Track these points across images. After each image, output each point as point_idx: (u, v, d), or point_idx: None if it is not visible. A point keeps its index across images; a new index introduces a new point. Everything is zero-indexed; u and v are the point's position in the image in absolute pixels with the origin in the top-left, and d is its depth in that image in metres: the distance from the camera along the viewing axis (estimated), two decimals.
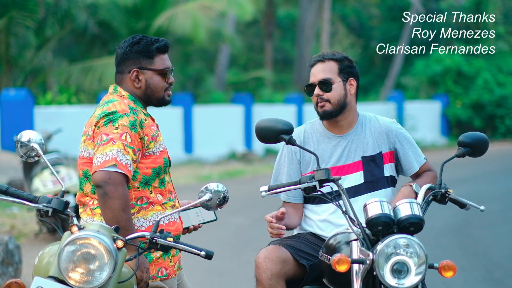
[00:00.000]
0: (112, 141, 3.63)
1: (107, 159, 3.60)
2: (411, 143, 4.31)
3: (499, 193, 13.89)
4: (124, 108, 3.73)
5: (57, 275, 3.30)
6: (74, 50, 23.41)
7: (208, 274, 7.94)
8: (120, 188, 3.59)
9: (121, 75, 3.86)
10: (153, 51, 3.82)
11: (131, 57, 3.82)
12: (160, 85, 3.85)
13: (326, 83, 4.22)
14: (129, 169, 3.63)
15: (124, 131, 3.66)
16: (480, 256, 8.91)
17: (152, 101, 3.88)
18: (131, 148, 3.66)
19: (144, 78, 3.83)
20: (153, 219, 3.74)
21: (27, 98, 16.29)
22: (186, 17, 21.00)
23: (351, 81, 4.27)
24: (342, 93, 4.24)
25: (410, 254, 3.53)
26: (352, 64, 4.29)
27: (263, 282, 4.01)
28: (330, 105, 4.22)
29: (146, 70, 3.82)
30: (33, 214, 10.35)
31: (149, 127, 3.78)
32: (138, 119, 3.73)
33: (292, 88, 29.90)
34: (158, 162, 3.78)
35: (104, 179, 3.58)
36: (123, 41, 3.87)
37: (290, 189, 3.79)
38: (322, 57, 4.27)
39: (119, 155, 3.61)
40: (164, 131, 4.21)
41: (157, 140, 3.80)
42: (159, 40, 3.85)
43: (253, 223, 10.93)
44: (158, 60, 3.83)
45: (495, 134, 27.04)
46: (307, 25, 29.43)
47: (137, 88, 3.84)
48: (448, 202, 3.95)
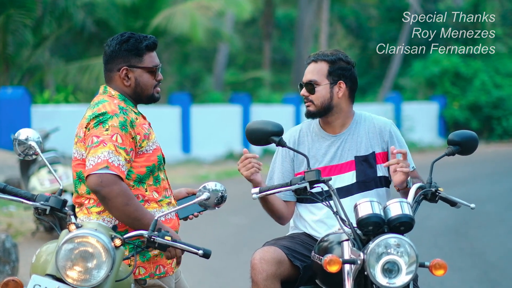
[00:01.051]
0: (103, 143, 3.63)
1: (98, 162, 3.59)
2: (404, 147, 4.28)
3: (495, 194, 13.91)
4: (114, 108, 3.72)
5: (54, 273, 3.31)
6: (72, 49, 23.39)
7: (205, 273, 7.94)
8: (115, 187, 3.59)
9: (110, 73, 3.85)
10: (143, 49, 3.81)
11: (120, 55, 3.81)
12: (149, 83, 3.85)
13: (311, 85, 4.24)
14: (121, 169, 3.62)
15: (114, 132, 3.66)
16: (476, 256, 8.93)
17: (142, 98, 3.87)
18: (123, 148, 3.65)
19: (133, 76, 3.82)
20: None
21: (24, 97, 16.28)
22: (184, 16, 20.99)
23: (340, 84, 4.25)
24: (326, 96, 4.24)
25: (401, 253, 3.54)
26: (346, 66, 4.26)
27: (259, 283, 4.02)
28: (313, 106, 4.25)
29: (136, 68, 3.82)
30: (30, 212, 10.34)
31: (141, 126, 3.78)
32: (129, 118, 3.72)
33: (290, 88, 29.92)
34: (152, 160, 3.78)
35: (97, 184, 3.58)
36: (111, 39, 3.85)
37: (281, 190, 3.80)
38: (317, 57, 4.28)
39: (111, 157, 3.61)
40: (162, 131, 4.21)
41: (150, 138, 3.79)
42: (147, 38, 3.84)
43: (251, 223, 10.94)
44: (147, 58, 3.83)
45: (492, 136, 27.07)
46: (306, 26, 29.45)
47: (127, 86, 3.83)
48: (438, 200, 3.95)
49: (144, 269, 3.75)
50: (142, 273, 3.74)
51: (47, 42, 20.21)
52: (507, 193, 14.29)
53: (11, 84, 18.63)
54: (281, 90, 30.63)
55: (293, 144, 4.31)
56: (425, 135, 25.78)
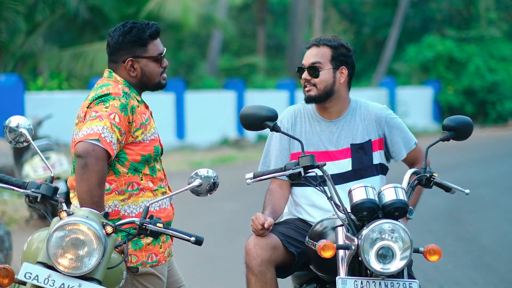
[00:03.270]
0: (100, 117, 3.60)
1: (91, 133, 3.56)
2: (401, 129, 4.28)
3: (489, 179, 13.94)
4: (118, 91, 3.71)
5: (46, 261, 3.29)
6: (65, 36, 23.29)
7: (198, 260, 7.95)
8: (101, 162, 3.55)
9: (115, 64, 3.82)
10: (146, 38, 3.77)
11: (124, 47, 3.77)
12: (155, 71, 3.82)
13: (315, 68, 4.20)
14: (112, 147, 3.58)
15: (113, 111, 3.63)
16: (470, 241, 8.95)
17: (148, 87, 3.85)
18: (118, 128, 3.62)
19: (139, 67, 3.79)
20: (143, 206, 3.71)
21: (17, 84, 16.22)
22: (176, 2, 20.90)
23: (342, 70, 4.24)
24: (330, 80, 4.21)
25: (395, 239, 3.54)
26: (347, 53, 4.25)
27: (253, 268, 4.01)
28: (315, 90, 4.20)
29: (141, 58, 3.78)
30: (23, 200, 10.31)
31: (140, 114, 3.75)
32: (130, 104, 3.70)
33: (285, 74, 29.87)
34: (148, 150, 3.75)
35: (87, 150, 3.53)
36: (113, 30, 3.81)
37: (275, 175, 3.79)
38: (318, 41, 4.24)
39: (104, 132, 3.57)
40: (156, 117, 4.19)
41: (147, 128, 3.76)
42: (150, 26, 3.79)
43: (245, 209, 10.94)
44: (151, 47, 3.79)
45: (486, 120, 27.10)
46: (300, 11, 29.36)
47: (133, 77, 3.80)
48: (433, 186, 3.94)
49: (136, 257, 3.73)
50: (134, 261, 3.73)
51: (40, 29, 20.11)
52: (501, 177, 14.32)
53: (5, 71, 18.55)
54: (275, 76, 30.58)
55: (290, 125, 4.28)
56: (420, 120, 25.78)
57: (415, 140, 4.32)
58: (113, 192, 3.71)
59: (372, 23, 33.58)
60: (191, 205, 10.90)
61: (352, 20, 35.03)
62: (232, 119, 21.44)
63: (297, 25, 29.31)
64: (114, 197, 3.71)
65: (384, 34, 31.96)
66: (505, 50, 28.33)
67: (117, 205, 3.71)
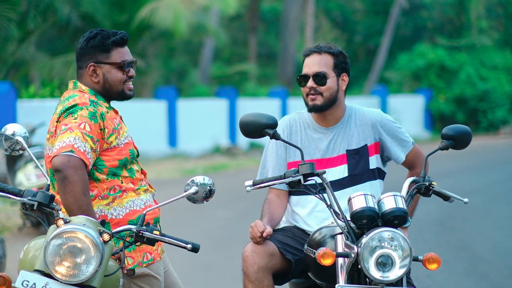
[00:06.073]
0: (70, 129, 3.64)
1: (63, 145, 3.59)
2: (396, 132, 4.29)
3: (481, 187, 13.97)
4: (85, 101, 3.75)
5: (43, 269, 3.29)
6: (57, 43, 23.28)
7: (193, 267, 7.94)
8: (80, 171, 3.58)
9: (81, 70, 3.89)
10: (109, 44, 3.83)
11: (88, 52, 3.84)
12: (117, 79, 3.85)
13: (321, 76, 4.22)
14: (87, 156, 3.62)
15: (83, 121, 3.67)
16: (463, 249, 8.96)
17: (112, 95, 3.88)
18: (90, 137, 3.66)
19: (101, 72, 3.84)
20: (129, 206, 3.76)
21: (9, 92, 16.18)
22: (168, 10, 20.91)
23: (343, 77, 4.27)
24: (335, 88, 4.24)
25: (395, 247, 3.54)
26: (346, 60, 4.28)
27: (250, 275, 4.01)
28: (321, 99, 4.21)
29: (103, 64, 3.84)
30: (16, 208, 10.28)
31: (111, 120, 3.79)
32: (99, 111, 3.74)
33: (276, 82, 29.89)
34: (124, 154, 3.79)
35: (63, 162, 3.56)
36: (82, 37, 3.89)
37: (275, 183, 3.79)
38: (319, 48, 4.25)
39: (77, 142, 3.61)
40: (148, 125, 4.20)
41: (120, 133, 3.80)
42: (116, 33, 3.86)
43: (238, 217, 10.94)
44: (115, 54, 3.84)
45: (477, 128, 27.17)
46: (291, 19, 29.41)
47: (96, 83, 3.85)
48: (432, 194, 3.95)
49: (132, 258, 3.76)
50: (130, 262, 3.76)
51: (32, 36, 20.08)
52: (493, 185, 14.35)
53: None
54: (267, 84, 30.61)
55: (286, 134, 4.29)
56: (411, 128, 25.84)
57: (412, 140, 4.33)
58: (96, 198, 3.75)
59: (364, 31, 33.70)
60: (184, 212, 10.89)
61: (344, 28, 35.14)
62: (224, 127, 21.45)
63: (288, 33, 29.36)
64: (98, 202, 3.75)
65: (375, 42, 32.12)
66: (496, 59, 28.45)
67: (103, 210, 3.75)
